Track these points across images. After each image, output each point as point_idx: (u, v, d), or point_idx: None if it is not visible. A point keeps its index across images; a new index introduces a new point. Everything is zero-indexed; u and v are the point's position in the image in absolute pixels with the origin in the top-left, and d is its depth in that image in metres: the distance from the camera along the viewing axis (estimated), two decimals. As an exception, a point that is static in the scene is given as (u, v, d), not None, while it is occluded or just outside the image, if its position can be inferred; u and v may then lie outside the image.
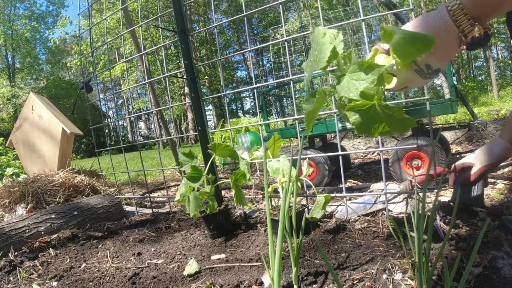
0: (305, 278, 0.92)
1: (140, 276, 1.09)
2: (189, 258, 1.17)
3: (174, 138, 5.27)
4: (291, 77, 1.44)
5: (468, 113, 4.17)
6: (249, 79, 28.53)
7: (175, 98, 22.14)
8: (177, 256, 1.24)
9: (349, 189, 2.06)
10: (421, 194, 1.09)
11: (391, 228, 1.19)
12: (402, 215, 1.33)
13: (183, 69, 1.64)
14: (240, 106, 33.86)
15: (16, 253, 1.44)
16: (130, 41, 14.82)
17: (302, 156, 1.38)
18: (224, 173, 3.62)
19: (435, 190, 1.27)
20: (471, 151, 3.04)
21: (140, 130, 32.93)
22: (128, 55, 15.71)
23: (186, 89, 18.64)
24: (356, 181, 2.45)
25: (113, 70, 17.73)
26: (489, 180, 1.87)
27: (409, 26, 0.65)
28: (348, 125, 2.28)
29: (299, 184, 1.37)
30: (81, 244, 1.54)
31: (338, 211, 1.50)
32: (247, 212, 1.67)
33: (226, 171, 3.80)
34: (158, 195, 2.83)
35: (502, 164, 2.31)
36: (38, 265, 1.30)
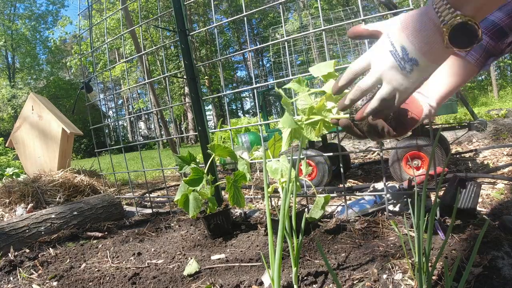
0: (305, 278, 0.92)
1: (140, 276, 1.09)
2: (189, 258, 1.17)
3: (174, 138, 5.28)
4: (291, 77, 1.44)
5: (468, 113, 4.17)
6: (249, 79, 28.54)
7: (175, 98, 22.14)
8: (177, 256, 1.24)
9: (349, 189, 2.06)
10: (421, 194, 1.09)
11: (395, 228, 1.19)
12: (402, 215, 1.33)
13: (183, 69, 1.64)
14: (240, 106, 33.89)
15: (16, 253, 1.44)
16: (130, 41, 14.81)
17: (301, 156, 1.38)
18: (224, 173, 3.62)
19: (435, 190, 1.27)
20: (471, 151, 3.04)
21: (140, 130, 32.93)
22: (128, 55, 15.71)
23: (186, 89, 18.64)
24: (356, 181, 2.45)
25: (113, 70, 17.73)
26: (489, 180, 1.87)
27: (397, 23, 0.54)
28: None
29: (299, 184, 1.37)
30: (81, 244, 1.54)
31: (338, 211, 1.50)
32: (247, 212, 1.67)
33: (227, 171, 3.80)
34: (158, 195, 2.83)
35: (502, 164, 2.31)
36: (38, 265, 1.30)
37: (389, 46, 0.53)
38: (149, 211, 2.08)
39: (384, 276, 0.88)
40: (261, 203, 1.96)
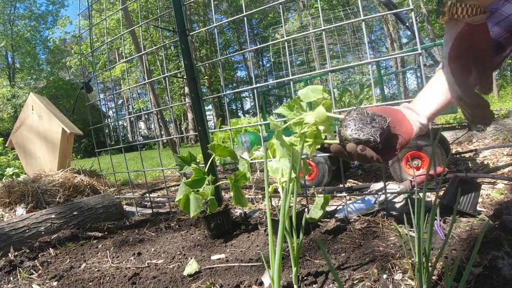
0: (305, 278, 0.92)
1: (140, 276, 1.09)
2: (189, 258, 1.17)
3: (174, 138, 5.28)
4: (291, 77, 1.44)
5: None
6: (249, 79, 28.53)
7: (175, 98, 22.14)
8: (177, 256, 1.24)
9: (349, 189, 2.06)
10: (421, 194, 1.09)
11: (397, 228, 1.19)
12: (402, 215, 1.33)
13: (183, 69, 1.64)
14: (240, 106, 33.87)
15: (16, 253, 1.44)
16: (130, 41, 14.81)
17: (302, 156, 1.38)
18: (224, 173, 3.62)
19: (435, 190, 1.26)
20: (471, 151, 3.04)
21: (140, 130, 32.91)
22: (128, 55, 15.70)
23: (186, 89, 18.64)
24: (356, 181, 2.45)
25: (113, 70, 17.72)
26: (489, 180, 1.87)
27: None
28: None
29: (299, 184, 1.36)
30: (81, 244, 1.54)
31: (338, 211, 1.50)
32: (247, 212, 1.67)
33: (227, 171, 3.80)
34: (158, 195, 2.83)
35: (502, 164, 2.31)
36: (38, 265, 1.30)
37: None
38: (149, 211, 2.08)
39: (384, 276, 0.88)
40: (261, 203, 1.96)
